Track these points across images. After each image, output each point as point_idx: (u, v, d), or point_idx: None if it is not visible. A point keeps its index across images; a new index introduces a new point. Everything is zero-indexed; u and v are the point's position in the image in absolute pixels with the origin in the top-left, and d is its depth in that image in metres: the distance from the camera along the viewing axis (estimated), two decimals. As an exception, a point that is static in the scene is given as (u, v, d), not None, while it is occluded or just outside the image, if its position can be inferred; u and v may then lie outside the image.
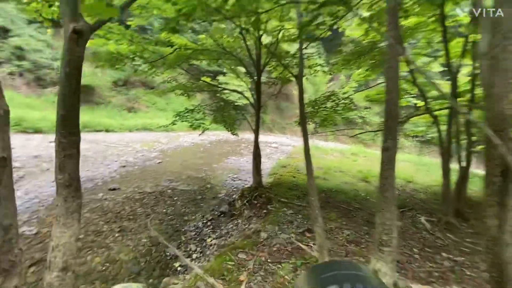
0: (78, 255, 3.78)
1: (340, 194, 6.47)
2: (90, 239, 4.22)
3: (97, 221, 4.82)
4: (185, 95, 6.85)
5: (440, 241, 4.30)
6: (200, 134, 7.17)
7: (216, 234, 4.63)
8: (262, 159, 13.03)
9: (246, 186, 7.82)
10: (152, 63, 4.25)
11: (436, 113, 5.88)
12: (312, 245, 3.17)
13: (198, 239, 4.51)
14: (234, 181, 8.50)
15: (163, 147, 12.97)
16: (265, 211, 4.90)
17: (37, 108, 15.35)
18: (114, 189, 6.44)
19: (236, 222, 4.86)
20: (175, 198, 6.43)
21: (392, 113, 2.15)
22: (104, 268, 3.62)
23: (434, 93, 8.33)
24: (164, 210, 5.64)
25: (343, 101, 7.05)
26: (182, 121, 7.36)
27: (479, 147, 6.53)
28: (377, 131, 5.87)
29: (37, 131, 11.04)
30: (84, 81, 13.87)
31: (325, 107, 7.27)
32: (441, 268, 3.19)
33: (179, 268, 3.65)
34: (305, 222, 4.26)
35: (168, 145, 13.71)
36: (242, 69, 7.08)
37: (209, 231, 4.78)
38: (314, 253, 2.84)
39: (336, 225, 4.38)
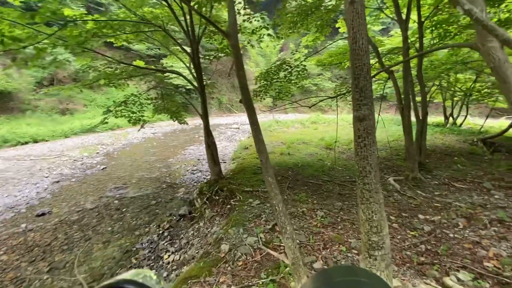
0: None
1: (307, 169, 6.11)
2: (5, 293, 3.19)
3: (17, 263, 3.73)
4: (112, 85, 5.60)
5: (413, 200, 4.15)
6: (139, 130, 6.09)
7: (175, 246, 3.90)
8: (224, 143, 12.30)
9: (205, 180, 7.09)
10: (38, 46, 3.06)
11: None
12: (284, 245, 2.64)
13: (153, 257, 3.74)
14: (193, 174, 7.68)
15: (107, 149, 11.38)
16: (228, 206, 4.27)
17: None
18: (43, 214, 5.22)
19: (197, 226, 4.16)
20: (123, 210, 5.45)
21: (363, 68, 1.55)
22: (23, 332, 2.70)
23: (384, 48, 8.16)
24: (109, 228, 4.69)
25: (295, 69, 6.50)
26: (117, 117, 6.18)
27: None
28: (339, 95, 5.45)
29: None
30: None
31: (278, 77, 6.67)
32: (424, 236, 2.94)
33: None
34: (271, 215, 3.73)
35: (114, 146, 12.11)
36: (178, 48, 6.00)
37: (166, 244, 4.03)
38: (287, 260, 2.30)
39: (307, 206, 3.94)
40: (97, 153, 10.78)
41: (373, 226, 1.54)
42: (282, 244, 2.70)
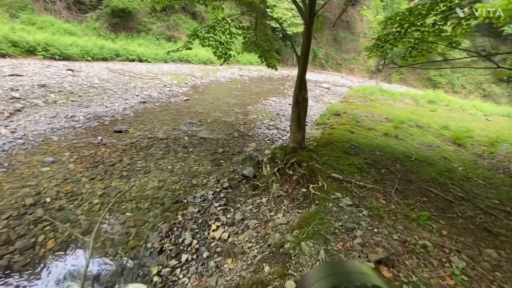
0: (28, 231, 2.67)
1: (425, 167, 4.23)
2: (57, 205, 3.08)
3: (79, 176, 3.67)
4: (203, 2, 4.67)
5: None
6: (221, 64, 5.19)
7: (227, 216, 3.11)
8: (309, 102, 10.77)
9: (281, 141, 6.00)
10: None
11: None
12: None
13: (200, 221, 3.06)
14: (269, 129, 6.69)
15: (195, 82, 11.42)
16: (304, 190, 3.11)
17: (77, 34, 14.60)
18: (119, 132, 5.25)
19: (258, 201, 3.23)
20: (190, 150, 5.00)
21: None
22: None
23: None
24: (170, 167, 4.27)
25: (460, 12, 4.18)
26: (203, 45, 5.42)
27: None
28: None
29: (65, 57, 10.23)
30: (120, 4, 12.26)
31: (421, 23, 4.50)
32: None
33: (155, 279, 2.30)
34: (375, 230, 2.38)
35: (202, 80, 12.10)
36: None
37: (219, 208, 3.29)
38: None
39: (432, 238, 2.42)
40: (186, 83, 10.92)
41: None
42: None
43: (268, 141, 5.93)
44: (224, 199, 3.54)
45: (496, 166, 4.89)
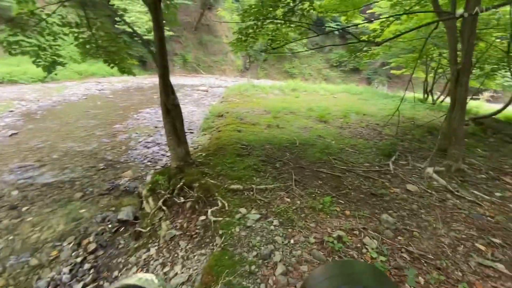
0: None
1: (309, 149, 4.47)
2: None
3: None
4: None
5: (479, 208, 2.80)
6: (45, 77, 3.73)
7: (100, 301, 2.05)
8: (190, 107, 10.01)
9: (165, 159, 5.08)
10: None
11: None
12: None
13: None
14: (148, 148, 5.57)
15: (28, 107, 8.41)
16: (202, 218, 2.46)
17: None
18: None
19: (145, 255, 2.32)
20: (23, 209, 3.30)
21: None
22: None
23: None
24: (-18, 251, 2.59)
25: (300, 5, 4.60)
26: (13, 54, 3.76)
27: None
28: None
29: None
30: None
31: (273, 16, 4.68)
32: None
33: None
34: (292, 241, 2.03)
35: (40, 103, 9.08)
36: None
37: (83, 292, 2.15)
38: None
39: (342, 224, 2.34)
40: (11, 111, 7.81)
41: None
42: None
43: (149, 163, 4.86)
44: (92, 270, 2.39)
45: (354, 133, 5.87)
